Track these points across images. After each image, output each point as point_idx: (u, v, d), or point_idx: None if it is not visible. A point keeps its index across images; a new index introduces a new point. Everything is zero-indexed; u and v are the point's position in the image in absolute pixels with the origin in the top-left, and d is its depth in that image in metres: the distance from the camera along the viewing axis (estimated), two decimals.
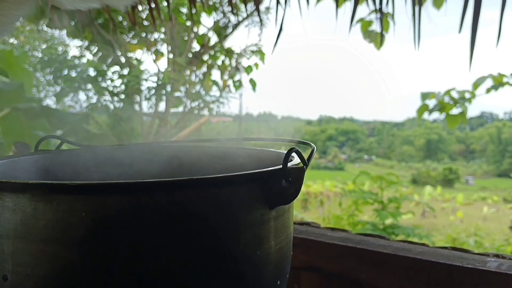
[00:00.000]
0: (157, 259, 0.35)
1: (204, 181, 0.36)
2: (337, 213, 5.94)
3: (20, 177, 0.53)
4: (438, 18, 1.45)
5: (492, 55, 17.28)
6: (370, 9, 1.91)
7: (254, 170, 0.39)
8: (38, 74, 8.71)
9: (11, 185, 0.35)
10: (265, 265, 0.41)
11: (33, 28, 10.37)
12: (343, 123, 51.34)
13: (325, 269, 0.84)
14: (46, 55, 6.16)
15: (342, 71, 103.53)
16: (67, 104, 9.83)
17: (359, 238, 0.87)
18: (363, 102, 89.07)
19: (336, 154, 37.66)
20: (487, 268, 0.69)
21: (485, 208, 10.70)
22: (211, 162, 0.61)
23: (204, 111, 6.27)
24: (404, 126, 49.32)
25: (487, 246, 5.45)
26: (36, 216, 0.34)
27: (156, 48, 6.21)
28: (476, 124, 46.32)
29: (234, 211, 0.38)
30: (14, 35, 10.37)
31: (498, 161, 35.30)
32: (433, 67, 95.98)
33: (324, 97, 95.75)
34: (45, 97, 10.21)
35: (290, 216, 0.46)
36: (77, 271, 0.34)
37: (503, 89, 3.75)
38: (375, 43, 2.47)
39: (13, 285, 0.35)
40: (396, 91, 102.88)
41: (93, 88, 5.90)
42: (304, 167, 0.42)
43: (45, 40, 10.52)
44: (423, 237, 3.81)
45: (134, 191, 0.34)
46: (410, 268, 0.76)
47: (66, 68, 5.87)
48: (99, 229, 0.34)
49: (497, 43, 1.11)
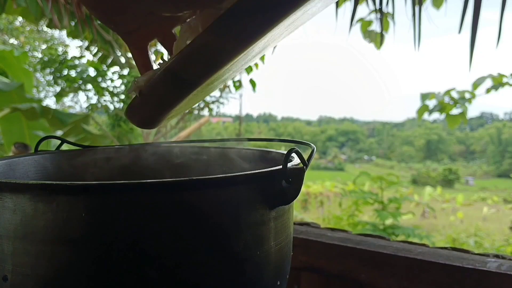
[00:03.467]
0: (157, 260, 0.35)
1: (204, 181, 0.36)
2: (337, 214, 5.95)
3: (20, 177, 0.53)
4: (438, 18, 1.45)
5: (492, 55, 17.17)
6: (370, 9, 1.91)
7: (254, 171, 0.39)
8: (38, 75, 8.72)
9: (11, 185, 0.35)
10: (265, 265, 0.41)
11: (33, 28, 10.38)
12: (343, 124, 51.41)
13: (325, 269, 0.84)
14: (46, 56, 6.15)
15: (342, 72, 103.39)
16: (67, 104, 9.84)
17: (359, 238, 0.87)
18: (363, 102, 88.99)
19: (336, 154, 37.69)
20: (487, 268, 0.69)
21: (485, 208, 10.70)
22: (211, 162, 0.61)
23: (204, 112, 6.27)
24: (404, 126, 49.37)
25: (487, 246, 5.45)
26: (36, 217, 0.34)
27: (156, 48, 6.21)
28: (476, 124, 46.35)
29: (234, 211, 0.38)
30: (14, 35, 10.37)
31: (498, 162, 35.31)
32: (433, 67, 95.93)
33: (324, 98, 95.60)
34: (45, 97, 10.22)
35: (290, 216, 0.46)
36: (77, 272, 0.34)
37: (503, 89, 3.76)
38: (375, 43, 2.47)
39: (13, 285, 0.36)
40: (396, 91, 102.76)
41: (93, 89, 5.90)
42: (304, 167, 0.42)
43: (45, 40, 10.54)
44: (423, 238, 3.82)
45: (134, 191, 0.34)
46: (410, 268, 0.76)
47: (66, 69, 5.87)
48: (99, 229, 0.34)
49: (497, 43, 1.11)
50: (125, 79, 5.81)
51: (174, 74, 0.34)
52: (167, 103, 0.36)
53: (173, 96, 0.36)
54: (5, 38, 9.85)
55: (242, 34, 0.32)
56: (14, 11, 3.03)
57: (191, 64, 0.33)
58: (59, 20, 2.31)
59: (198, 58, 0.33)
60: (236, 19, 0.31)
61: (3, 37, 9.77)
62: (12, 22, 10.25)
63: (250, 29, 0.32)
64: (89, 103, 6.12)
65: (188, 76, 0.34)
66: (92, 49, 5.59)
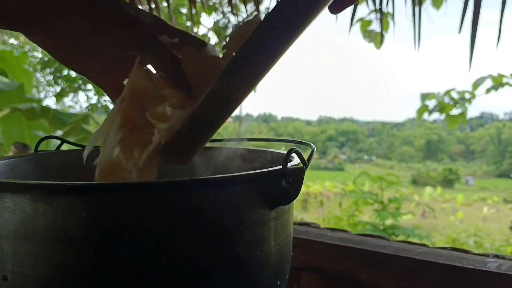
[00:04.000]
0: (157, 260, 0.35)
1: (204, 181, 0.36)
2: (337, 214, 5.95)
3: (20, 177, 0.53)
4: (438, 18, 1.45)
5: (492, 55, 17.17)
6: (370, 9, 1.91)
7: (254, 171, 0.39)
8: (38, 75, 8.72)
9: (11, 185, 0.35)
10: (265, 265, 0.41)
11: None
12: (343, 124, 51.42)
13: (325, 269, 0.84)
14: (46, 56, 6.16)
15: (342, 72, 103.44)
16: (67, 104, 9.85)
17: (359, 238, 0.87)
18: (363, 102, 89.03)
19: (336, 154, 37.69)
20: (487, 268, 0.69)
21: (485, 208, 10.70)
22: (211, 162, 0.61)
23: None
24: (404, 126, 49.38)
25: (487, 246, 5.45)
26: (36, 217, 0.34)
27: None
28: (476, 124, 46.36)
29: (234, 212, 0.38)
30: (14, 35, 10.37)
31: (498, 162, 35.32)
32: (433, 67, 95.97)
33: (324, 98, 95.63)
34: (45, 97, 10.23)
35: (290, 216, 0.46)
36: (77, 272, 0.34)
37: (503, 90, 3.76)
38: (375, 42, 2.47)
39: (13, 285, 0.36)
40: (396, 91, 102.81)
41: (93, 88, 5.90)
42: (304, 167, 0.42)
43: None
44: (423, 238, 3.82)
45: (134, 191, 0.34)
46: (410, 268, 0.76)
47: (66, 68, 5.87)
48: (99, 230, 0.34)
49: (497, 43, 1.11)
50: None
51: (197, 120, 0.39)
52: (196, 144, 0.42)
53: (201, 138, 0.41)
54: (5, 38, 9.87)
55: (252, 73, 0.37)
56: None
57: (212, 109, 0.39)
58: None
59: (217, 103, 0.38)
60: (244, 62, 0.36)
61: (3, 37, 9.78)
62: None
63: (258, 67, 0.37)
64: (89, 103, 6.14)
65: (211, 119, 0.39)
66: None
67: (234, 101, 0.39)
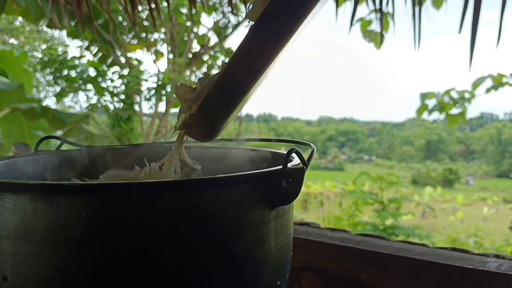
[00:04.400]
0: (157, 259, 0.35)
1: (204, 181, 0.36)
2: (337, 214, 5.94)
3: (20, 177, 0.53)
4: (438, 18, 1.45)
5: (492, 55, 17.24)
6: (370, 9, 1.91)
7: (254, 171, 0.39)
8: (38, 75, 8.71)
9: (11, 185, 0.35)
10: (265, 265, 0.41)
11: (33, 28, 10.37)
12: (343, 124, 51.38)
13: (325, 269, 0.84)
14: (46, 56, 6.15)
15: (342, 72, 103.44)
16: (67, 104, 9.83)
17: (359, 238, 0.87)
18: (363, 102, 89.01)
19: (336, 154, 37.66)
20: (487, 268, 0.69)
21: (485, 208, 10.69)
22: (211, 162, 0.61)
23: None
24: (404, 126, 49.34)
25: (487, 246, 5.44)
26: (36, 217, 0.34)
27: (156, 48, 6.21)
28: (476, 124, 46.32)
29: (234, 211, 0.38)
30: (14, 35, 10.37)
31: (498, 162, 35.31)
32: (433, 67, 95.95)
33: (324, 98, 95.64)
34: (45, 97, 10.21)
35: (290, 216, 0.46)
36: (77, 272, 0.34)
37: (503, 89, 3.76)
38: (374, 42, 2.47)
39: (13, 285, 0.35)
40: (396, 91, 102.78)
41: (93, 88, 5.90)
42: (304, 167, 0.42)
43: (45, 41, 10.53)
44: (423, 238, 3.81)
45: (134, 191, 0.34)
46: (410, 268, 0.76)
47: (66, 69, 5.87)
48: (99, 229, 0.34)
49: (497, 43, 1.11)
50: (125, 79, 5.81)
51: (223, 87, 0.37)
52: (223, 114, 0.40)
53: (227, 107, 0.39)
54: (5, 38, 9.85)
55: (277, 34, 0.34)
56: (14, 11, 3.03)
57: (238, 74, 0.36)
58: (59, 20, 2.31)
59: (243, 67, 0.36)
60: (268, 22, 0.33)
61: (3, 37, 9.77)
62: (12, 22, 10.25)
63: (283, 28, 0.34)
64: (89, 103, 6.12)
65: (237, 86, 0.37)
66: (92, 49, 5.59)
67: (260, 64, 0.36)
